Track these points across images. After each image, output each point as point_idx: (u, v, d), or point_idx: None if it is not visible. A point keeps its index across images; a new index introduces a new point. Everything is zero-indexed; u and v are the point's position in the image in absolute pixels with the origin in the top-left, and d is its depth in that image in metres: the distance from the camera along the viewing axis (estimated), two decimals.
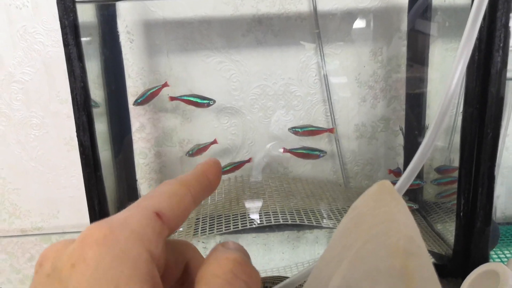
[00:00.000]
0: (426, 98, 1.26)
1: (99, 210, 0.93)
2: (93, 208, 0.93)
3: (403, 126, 1.32)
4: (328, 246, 0.78)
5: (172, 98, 1.27)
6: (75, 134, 1.42)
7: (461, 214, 0.99)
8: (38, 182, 1.46)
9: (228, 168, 1.32)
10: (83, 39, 0.90)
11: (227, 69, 1.36)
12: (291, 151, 1.33)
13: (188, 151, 1.31)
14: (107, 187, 0.98)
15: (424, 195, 1.31)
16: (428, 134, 0.82)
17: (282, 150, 1.36)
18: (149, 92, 1.23)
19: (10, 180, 1.46)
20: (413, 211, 1.27)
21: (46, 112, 1.40)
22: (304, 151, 1.31)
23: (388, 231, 0.67)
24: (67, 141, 1.42)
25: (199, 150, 1.31)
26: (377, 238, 0.67)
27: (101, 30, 1.10)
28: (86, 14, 0.99)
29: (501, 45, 0.89)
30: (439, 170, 1.26)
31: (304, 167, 1.46)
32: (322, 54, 1.34)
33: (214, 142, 1.33)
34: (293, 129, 1.32)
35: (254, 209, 1.17)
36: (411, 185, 1.18)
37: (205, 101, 1.24)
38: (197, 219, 1.13)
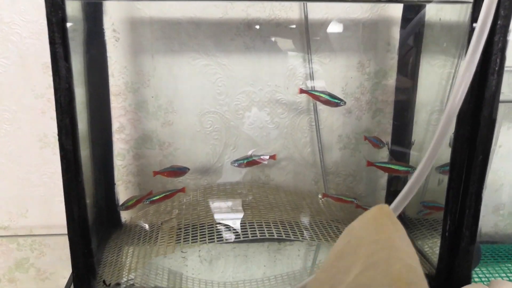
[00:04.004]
0: (413, 114, 1.26)
1: (78, 217, 0.89)
2: (72, 214, 0.88)
3: (389, 141, 1.32)
4: (322, 267, 0.75)
5: (302, 91, 1.22)
6: (50, 131, 1.37)
7: (447, 233, 0.99)
8: (7, 179, 1.38)
9: (157, 197, 1.22)
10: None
11: (213, 73, 1.33)
12: (308, 92, 1.25)
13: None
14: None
15: (407, 211, 1.31)
16: (427, 154, 0.80)
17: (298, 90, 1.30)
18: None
19: None
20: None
21: (20, 107, 1.33)
22: (323, 95, 1.21)
23: (389, 259, 0.65)
24: (40, 137, 1.35)
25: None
26: (377, 266, 0.65)
27: (86, 26, 1.05)
28: (72, 9, 0.94)
29: (496, 69, 0.88)
30: (424, 205, 1.25)
31: (285, 176, 1.44)
32: (310, 63, 1.32)
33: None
34: (236, 162, 1.28)
35: (233, 220, 1.15)
36: (401, 172, 1.16)
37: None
38: (178, 229, 1.09)
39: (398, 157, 1.30)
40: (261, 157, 1.27)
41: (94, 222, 1.03)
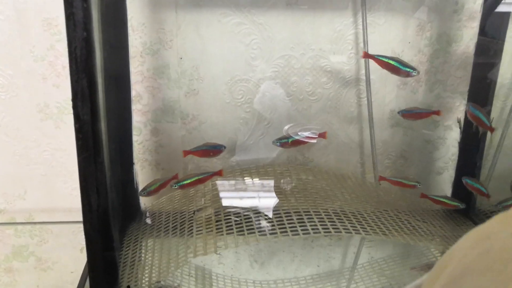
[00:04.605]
0: (494, 88, 1.05)
1: (97, 207, 0.69)
2: (89, 204, 0.68)
3: (462, 118, 1.11)
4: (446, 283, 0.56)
5: (367, 55, 1.00)
6: (52, 100, 1.16)
7: None
8: (2, 155, 1.18)
9: (189, 181, 1.02)
10: None
11: (247, 33, 1.12)
12: (375, 57, 1.00)
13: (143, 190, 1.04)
14: None
15: (478, 203, 1.11)
16: None
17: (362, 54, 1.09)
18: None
19: None
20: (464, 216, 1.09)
21: (16, 71, 1.12)
22: (392, 62, 0.99)
23: None
24: (40, 107, 1.15)
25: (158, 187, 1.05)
26: None
27: None
28: None
29: None
30: None
31: (327, 157, 1.25)
32: (365, 23, 1.12)
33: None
34: (279, 141, 1.07)
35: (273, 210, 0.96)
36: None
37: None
38: (217, 220, 0.90)
39: (470, 139, 1.09)
40: (309, 134, 1.07)
41: (112, 210, 0.83)
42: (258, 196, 1.03)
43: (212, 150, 1.04)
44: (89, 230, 0.70)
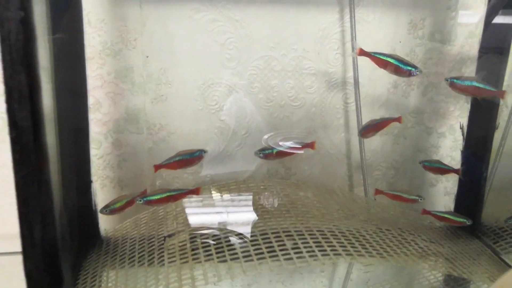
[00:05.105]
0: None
1: (42, 240, 0.54)
2: (30, 237, 0.53)
3: (465, 124, 1.00)
4: None
5: (363, 52, 0.85)
6: None
7: None
8: None
9: (158, 196, 0.87)
10: None
11: (222, 31, 1.00)
12: (371, 54, 0.87)
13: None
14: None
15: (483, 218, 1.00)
16: None
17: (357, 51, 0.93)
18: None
19: None
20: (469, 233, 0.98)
21: None
22: (392, 60, 0.86)
23: None
24: None
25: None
26: None
27: None
28: None
29: None
30: None
31: (311, 169, 1.13)
32: (353, 20, 1.01)
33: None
34: (262, 152, 0.95)
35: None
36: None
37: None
38: (193, 248, 0.75)
39: (476, 142, 0.98)
40: (293, 144, 0.95)
41: (63, 241, 0.68)
42: (239, 216, 0.89)
43: (189, 159, 0.89)
44: (31, 270, 0.55)
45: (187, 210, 0.90)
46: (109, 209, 0.86)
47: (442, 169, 1.00)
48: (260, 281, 1.02)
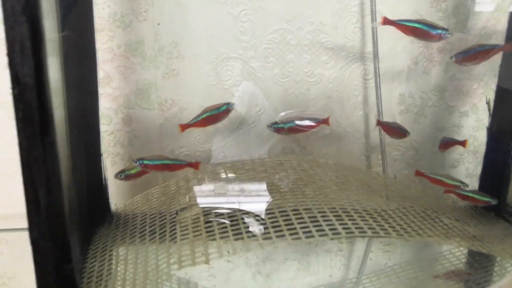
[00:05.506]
0: None
1: (48, 206, 0.51)
2: (36, 202, 0.50)
3: (491, 99, 0.96)
4: None
5: (387, 21, 0.81)
6: (3, 84, 0.97)
7: None
8: None
9: (154, 163, 0.85)
10: None
11: (236, 3, 0.96)
12: (396, 22, 0.82)
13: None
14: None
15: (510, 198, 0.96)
16: None
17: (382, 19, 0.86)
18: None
19: None
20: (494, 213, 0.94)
21: None
22: (419, 25, 0.81)
23: None
24: None
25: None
26: None
27: None
28: None
29: None
30: None
31: (327, 148, 1.09)
32: None
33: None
34: (274, 126, 0.92)
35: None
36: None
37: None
38: (207, 221, 0.72)
39: (503, 119, 0.93)
40: (309, 123, 0.91)
41: (71, 212, 0.65)
42: (254, 192, 0.85)
43: (216, 114, 0.86)
44: (36, 238, 0.52)
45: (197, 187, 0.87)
46: (124, 174, 0.85)
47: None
48: (276, 258, 0.99)
